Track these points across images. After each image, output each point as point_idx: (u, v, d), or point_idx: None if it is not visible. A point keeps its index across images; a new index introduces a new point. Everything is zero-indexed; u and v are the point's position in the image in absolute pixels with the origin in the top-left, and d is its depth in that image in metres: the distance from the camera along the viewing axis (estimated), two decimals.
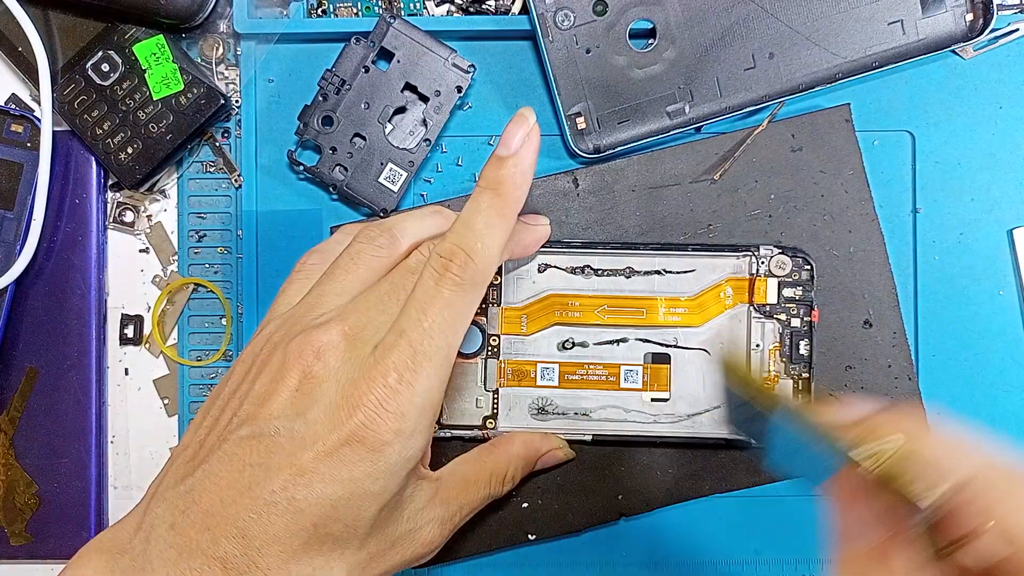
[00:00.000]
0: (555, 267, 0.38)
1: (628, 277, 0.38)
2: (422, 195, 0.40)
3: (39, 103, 0.39)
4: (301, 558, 0.27)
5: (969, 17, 0.38)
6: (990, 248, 0.39)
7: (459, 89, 0.39)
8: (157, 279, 0.41)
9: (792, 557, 0.40)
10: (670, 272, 0.38)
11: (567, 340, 0.38)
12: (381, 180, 0.39)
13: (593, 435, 0.38)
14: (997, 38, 0.39)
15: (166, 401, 0.41)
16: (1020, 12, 0.40)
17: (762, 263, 0.38)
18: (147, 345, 0.41)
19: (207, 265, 0.41)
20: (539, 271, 0.38)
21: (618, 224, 0.39)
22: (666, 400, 0.38)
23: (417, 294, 0.28)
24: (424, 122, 0.39)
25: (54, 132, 0.39)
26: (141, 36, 0.39)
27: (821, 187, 0.39)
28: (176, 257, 0.41)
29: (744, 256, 0.38)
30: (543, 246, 0.37)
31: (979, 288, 0.39)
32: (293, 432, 0.27)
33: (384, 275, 0.31)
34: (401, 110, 0.39)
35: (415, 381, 0.27)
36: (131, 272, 0.41)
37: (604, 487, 0.38)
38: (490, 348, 0.38)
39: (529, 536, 0.39)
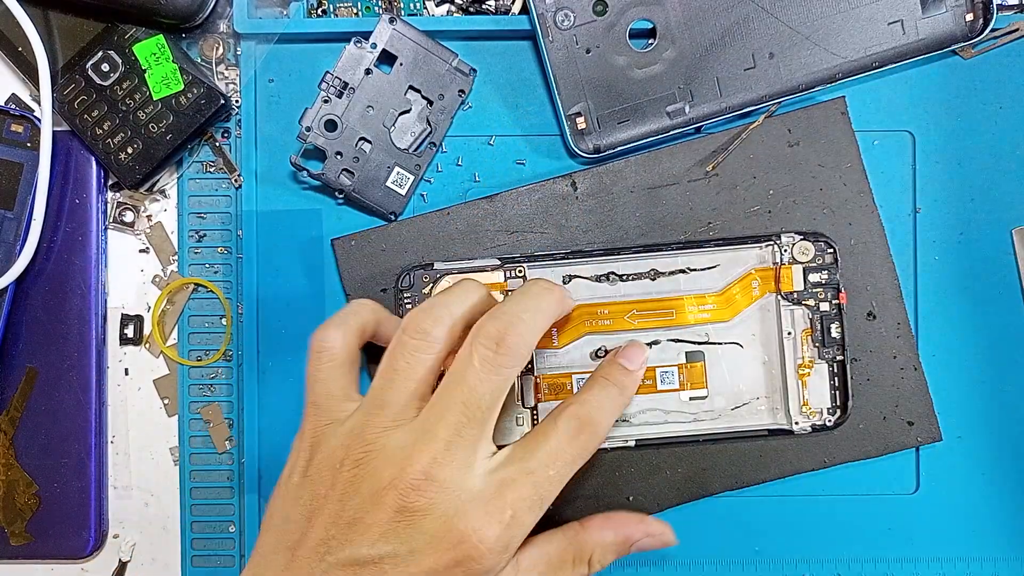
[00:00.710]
0: (579, 277, 0.38)
1: (653, 279, 0.38)
2: (422, 195, 0.40)
3: (39, 103, 0.39)
4: None
5: (969, 17, 0.38)
6: (990, 248, 0.39)
7: (461, 92, 0.39)
8: (157, 279, 0.41)
9: (792, 557, 0.40)
10: (694, 270, 0.38)
11: (600, 348, 0.38)
12: (389, 184, 0.39)
13: (636, 440, 0.38)
14: (997, 38, 0.39)
15: (166, 401, 0.41)
16: (1020, 12, 0.40)
17: (785, 251, 0.38)
18: (147, 345, 0.41)
19: (207, 265, 0.41)
20: (564, 283, 0.38)
21: (618, 226, 0.39)
22: (704, 397, 0.38)
23: (551, 445, 0.30)
24: (428, 122, 0.39)
25: (54, 132, 0.39)
26: (141, 36, 0.39)
27: (819, 181, 0.39)
28: (176, 257, 0.41)
29: (767, 246, 0.38)
30: (563, 258, 0.37)
31: (980, 288, 0.39)
32: (395, 558, 0.28)
33: (439, 372, 0.31)
34: (403, 112, 0.39)
35: (528, 520, 0.29)
36: (131, 272, 0.41)
37: (615, 489, 0.38)
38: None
39: None
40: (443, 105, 0.39)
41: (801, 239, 0.38)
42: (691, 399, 0.38)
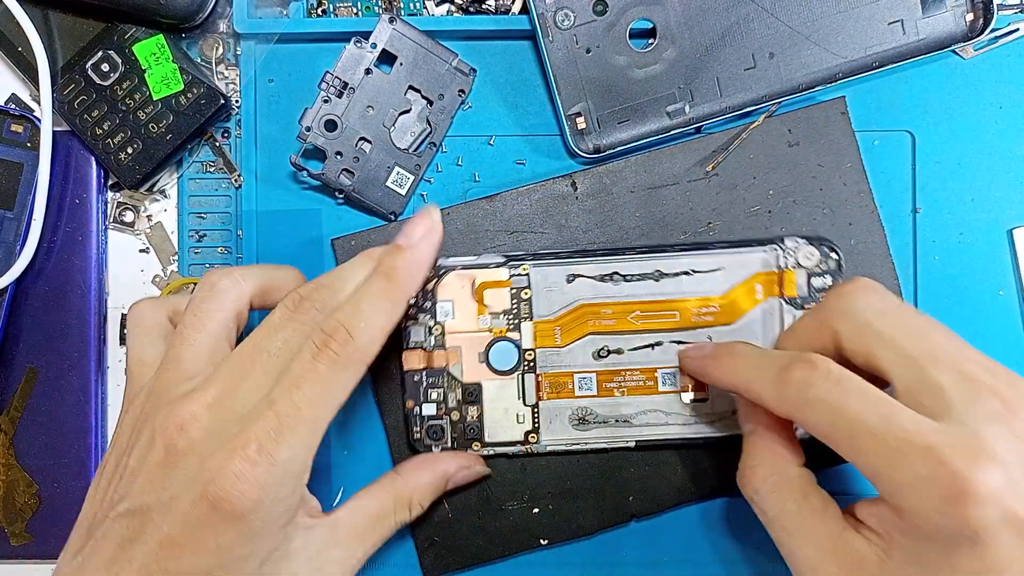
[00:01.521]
0: (583, 276, 0.38)
1: (657, 280, 0.38)
2: (422, 195, 0.40)
3: (39, 103, 0.39)
4: None
5: (969, 17, 0.38)
6: (990, 248, 0.39)
7: (461, 92, 0.39)
8: (157, 279, 0.41)
9: None
10: (698, 272, 0.38)
11: (602, 348, 0.38)
12: (389, 184, 0.39)
13: (636, 441, 0.38)
14: (997, 38, 0.39)
15: None
16: (1020, 12, 0.40)
17: (789, 255, 0.37)
18: None
19: (207, 265, 0.41)
20: (568, 281, 0.38)
21: (618, 226, 0.39)
22: (705, 400, 0.38)
23: (293, 366, 0.28)
24: (428, 122, 0.39)
25: (54, 132, 0.39)
26: (141, 36, 0.39)
27: (820, 181, 0.39)
28: (176, 257, 0.41)
29: (771, 249, 0.38)
30: (567, 257, 0.37)
31: (979, 288, 0.39)
32: (159, 506, 0.27)
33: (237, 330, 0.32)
34: (403, 112, 0.39)
35: (276, 452, 0.27)
36: (131, 272, 0.41)
37: (615, 489, 0.38)
38: (526, 363, 0.38)
39: (541, 541, 0.39)
40: (443, 105, 0.39)
41: (806, 243, 0.37)
42: (692, 401, 0.38)
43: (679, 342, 0.38)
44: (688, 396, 0.38)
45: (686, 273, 0.38)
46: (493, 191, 0.39)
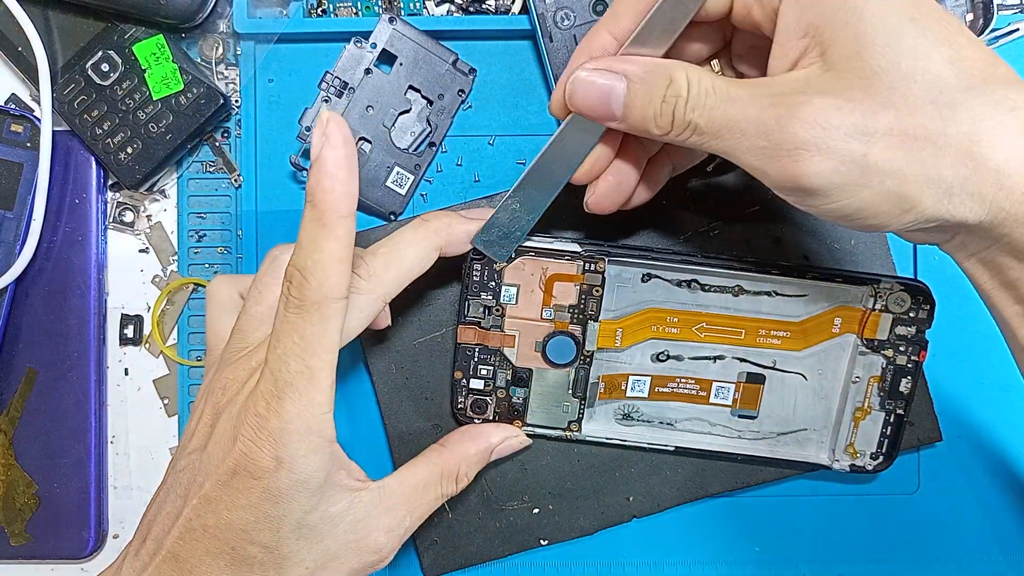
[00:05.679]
0: (660, 278, 0.37)
1: (736, 295, 0.37)
2: (423, 195, 0.40)
3: (39, 103, 0.39)
4: None
5: (969, 17, 0.38)
6: None
7: (461, 92, 0.39)
8: (157, 279, 0.41)
9: (792, 557, 0.40)
10: (781, 295, 0.37)
11: (662, 352, 0.37)
12: (389, 184, 0.39)
13: (676, 446, 0.38)
14: (997, 38, 0.39)
15: (166, 401, 0.41)
16: (1020, 12, 0.40)
17: (881, 297, 0.36)
18: (147, 345, 0.41)
19: (207, 265, 0.41)
20: (643, 280, 0.37)
21: (617, 226, 0.39)
22: (753, 418, 0.38)
23: (275, 323, 0.29)
24: (428, 122, 0.39)
25: (54, 132, 0.39)
26: (141, 36, 0.39)
27: None
28: (176, 257, 0.41)
29: (862, 286, 0.36)
30: (647, 259, 0.36)
31: None
32: (199, 464, 0.29)
33: None
34: (403, 112, 0.39)
35: (281, 408, 0.28)
36: (131, 272, 0.41)
37: (615, 489, 0.38)
38: (583, 358, 0.37)
39: (541, 541, 0.39)
40: (443, 105, 0.39)
41: (901, 289, 0.36)
42: (740, 416, 0.38)
43: (742, 359, 0.37)
44: (737, 412, 0.38)
45: (767, 294, 0.37)
46: (493, 191, 0.39)
